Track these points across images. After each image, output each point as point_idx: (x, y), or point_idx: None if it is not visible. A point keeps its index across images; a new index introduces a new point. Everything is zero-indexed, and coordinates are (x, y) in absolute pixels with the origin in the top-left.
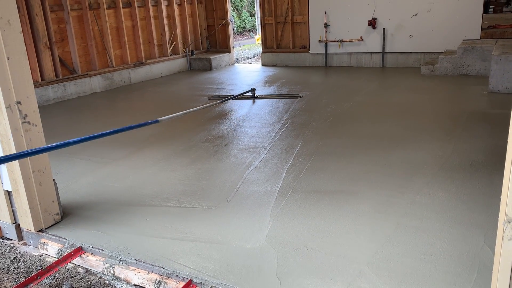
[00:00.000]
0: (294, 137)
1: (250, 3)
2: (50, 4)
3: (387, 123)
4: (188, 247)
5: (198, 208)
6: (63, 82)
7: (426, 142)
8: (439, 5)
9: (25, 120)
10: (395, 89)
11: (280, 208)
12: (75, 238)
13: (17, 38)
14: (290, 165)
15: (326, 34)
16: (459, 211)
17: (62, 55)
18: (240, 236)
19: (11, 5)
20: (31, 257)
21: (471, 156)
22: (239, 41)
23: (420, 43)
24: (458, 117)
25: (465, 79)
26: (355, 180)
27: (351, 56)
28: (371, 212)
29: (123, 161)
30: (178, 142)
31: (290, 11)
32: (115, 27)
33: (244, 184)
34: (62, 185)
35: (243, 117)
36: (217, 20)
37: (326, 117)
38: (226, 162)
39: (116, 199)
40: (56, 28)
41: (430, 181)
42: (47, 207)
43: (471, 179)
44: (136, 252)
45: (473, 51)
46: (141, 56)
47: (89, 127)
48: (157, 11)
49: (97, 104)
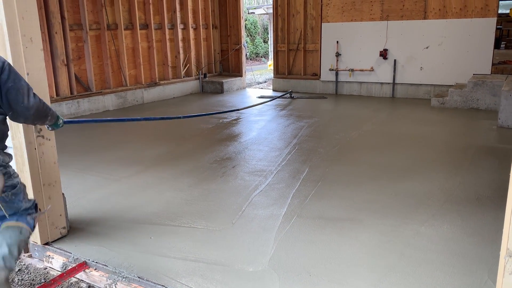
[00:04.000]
0: (302, 163)
1: (264, 29)
2: (70, 23)
3: (395, 153)
4: (191, 267)
5: (203, 229)
6: (77, 99)
7: (433, 174)
8: (451, 39)
9: (39, 134)
10: (404, 120)
11: (284, 233)
12: (80, 253)
13: (37, 55)
14: (296, 190)
15: (337, 63)
16: (464, 244)
17: (78, 72)
18: (243, 259)
19: (34, 23)
20: (35, 270)
21: (478, 190)
22: (251, 66)
23: (431, 76)
24: (466, 150)
25: (475, 113)
26: (361, 209)
27: (361, 86)
28: (375, 241)
29: (131, 179)
30: (186, 162)
31: (303, 39)
32: (131, 48)
33: (250, 207)
34: (70, 199)
35: (251, 141)
36: (231, 45)
37: (334, 144)
38: (232, 184)
39: (122, 216)
40: (74, 46)
41: (436, 213)
42: (55, 221)
43: (477, 213)
44: (139, 270)
45: (483, 86)
46: (155, 77)
47: (101, 143)
48: (173, 34)
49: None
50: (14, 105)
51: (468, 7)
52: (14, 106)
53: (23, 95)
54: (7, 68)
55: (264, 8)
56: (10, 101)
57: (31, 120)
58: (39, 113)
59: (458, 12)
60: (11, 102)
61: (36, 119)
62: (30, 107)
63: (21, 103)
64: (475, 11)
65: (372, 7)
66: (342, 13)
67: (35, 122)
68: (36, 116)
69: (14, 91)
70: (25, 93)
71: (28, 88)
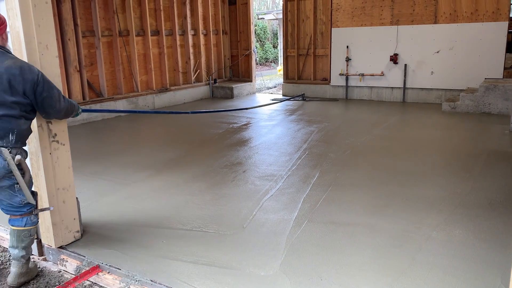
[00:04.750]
0: (312, 167)
1: (273, 35)
2: (83, 30)
3: (406, 158)
4: (203, 271)
5: (214, 233)
6: (90, 104)
7: (444, 179)
8: (462, 44)
9: (54, 139)
10: (415, 125)
11: (295, 237)
12: (93, 256)
13: (53, 61)
14: (307, 195)
15: (348, 68)
16: (476, 249)
17: (90, 78)
18: (255, 263)
19: (50, 31)
20: (50, 273)
21: (490, 195)
22: (261, 71)
23: (442, 80)
24: (478, 155)
25: (487, 118)
26: (372, 213)
27: (372, 90)
28: (386, 246)
29: (143, 183)
30: (197, 167)
31: (313, 44)
32: (142, 54)
33: (260, 212)
34: (83, 203)
35: (262, 145)
36: (241, 50)
37: (344, 149)
38: (243, 188)
39: (134, 220)
40: (87, 52)
41: (447, 218)
42: (69, 224)
43: (490, 218)
44: (152, 273)
45: (495, 90)
46: (165, 83)
47: (113, 148)
48: (184, 40)
49: (120, 127)
50: (48, 110)
51: (479, 11)
52: (48, 110)
53: (56, 101)
54: (41, 81)
55: (274, 13)
56: (46, 108)
57: (61, 117)
58: (67, 112)
59: (469, 16)
60: (46, 108)
61: (65, 116)
62: (61, 109)
63: (53, 107)
64: (486, 15)
65: (382, 12)
66: (352, 18)
67: (64, 118)
68: (65, 115)
69: (48, 100)
70: (57, 100)
71: (59, 94)
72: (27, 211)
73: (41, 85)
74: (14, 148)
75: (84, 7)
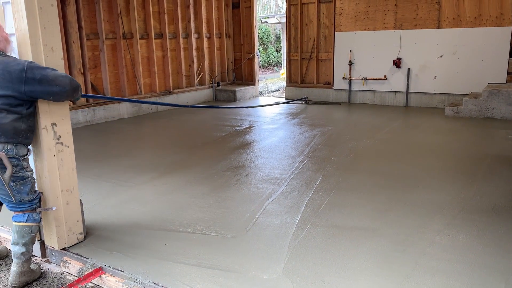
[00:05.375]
0: (315, 171)
1: (276, 38)
2: (87, 32)
3: (409, 162)
4: (205, 274)
5: (217, 236)
6: (93, 107)
7: (447, 184)
8: (465, 48)
9: (58, 141)
10: (418, 129)
11: (298, 241)
12: (96, 258)
13: (58, 64)
14: (309, 199)
15: (351, 72)
16: (480, 254)
17: (94, 81)
18: (258, 266)
19: (56, 33)
20: (52, 274)
21: (494, 200)
22: (264, 74)
23: (445, 85)
24: (482, 160)
25: (490, 122)
26: (375, 217)
27: (375, 94)
28: (389, 250)
29: (146, 185)
30: (200, 170)
31: (316, 48)
32: (146, 57)
33: (263, 215)
34: (87, 205)
35: (264, 149)
36: (244, 54)
37: (347, 153)
38: (246, 191)
39: (137, 222)
40: (91, 55)
41: (451, 223)
42: (72, 226)
43: (493, 223)
44: (155, 276)
45: (498, 95)
46: (169, 85)
47: (116, 150)
48: (187, 43)
49: (124, 129)
50: (52, 89)
51: (482, 16)
52: (52, 89)
53: (53, 78)
54: (30, 67)
55: (277, 17)
56: (48, 88)
57: (71, 93)
58: (73, 84)
59: (473, 21)
60: (49, 88)
61: (74, 92)
62: (65, 83)
63: (55, 85)
64: (489, 20)
65: (386, 16)
66: (355, 22)
67: (74, 94)
68: (73, 90)
69: (45, 80)
70: (54, 77)
71: (54, 72)
72: (28, 207)
73: (31, 70)
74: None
75: (88, 10)
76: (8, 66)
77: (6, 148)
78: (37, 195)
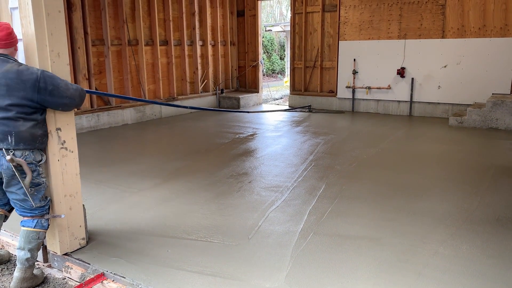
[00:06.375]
0: (318, 179)
1: (280, 47)
2: (92, 38)
3: (412, 171)
4: (207, 281)
5: (219, 243)
6: (97, 112)
7: (451, 194)
8: (469, 59)
9: (63, 146)
10: (421, 139)
11: (301, 249)
12: (98, 264)
13: (64, 69)
14: (312, 207)
15: (354, 80)
16: (484, 265)
17: (98, 86)
18: (260, 275)
19: (62, 39)
20: (54, 280)
21: (498, 211)
22: (267, 82)
23: (449, 94)
24: (485, 170)
25: (494, 133)
26: (378, 227)
27: (378, 103)
28: (392, 260)
29: (149, 191)
30: (203, 177)
31: (320, 56)
32: (151, 63)
33: (266, 223)
34: (89, 211)
35: (267, 156)
36: (248, 61)
37: (350, 161)
38: (249, 199)
39: (140, 228)
40: (96, 61)
41: (454, 233)
42: (74, 231)
43: (497, 234)
44: (157, 282)
45: (502, 105)
46: (173, 92)
47: (120, 156)
48: (192, 50)
49: (127, 135)
50: (62, 100)
51: (487, 27)
52: (62, 100)
53: (65, 89)
54: (42, 77)
55: (281, 25)
56: (58, 99)
57: (78, 102)
58: (81, 94)
59: (477, 32)
60: (59, 99)
61: (81, 100)
62: (74, 95)
63: (65, 96)
64: (494, 31)
65: (390, 26)
66: (360, 32)
67: (80, 102)
68: (80, 99)
69: (56, 91)
70: (65, 88)
71: (65, 83)
72: (38, 213)
73: (43, 80)
74: (19, 150)
75: (94, 16)
76: (22, 75)
77: (25, 155)
78: (48, 201)
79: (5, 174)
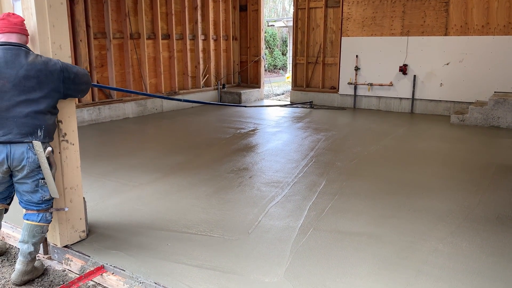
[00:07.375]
0: (319, 175)
1: (282, 42)
2: (94, 31)
3: (413, 169)
4: (207, 275)
5: (219, 238)
6: (98, 106)
7: (452, 192)
8: (472, 56)
9: (64, 139)
10: (423, 136)
11: (300, 245)
12: (98, 257)
13: (66, 61)
14: (312, 203)
15: (356, 77)
16: (483, 263)
17: (100, 79)
18: (259, 269)
19: (64, 31)
20: (54, 272)
21: (498, 209)
22: (269, 77)
23: (451, 92)
24: (486, 169)
25: (496, 131)
26: (378, 224)
27: (380, 100)
28: (392, 257)
29: (150, 185)
30: (204, 172)
31: (322, 52)
32: (152, 57)
33: (266, 218)
34: (90, 204)
35: (268, 152)
36: (250, 56)
37: (351, 158)
38: (249, 194)
39: (140, 222)
40: (98, 54)
41: (454, 231)
42: (75, 224)
43: (497, 232)
44: (156, 276)
45: (504, 104)
46: (174, 86)
47: (121, 150)
48: (194, 44)
49: (128, 128)
50: (81, 86)
51: (490, 25)
52: (81, 87)
53: (82, 75)
54: (64, 66)
55: (284, 21)
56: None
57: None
58: (89, 78)
59: (480, 29)
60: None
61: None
62: (89, 80)
63: (84, 82)
64: (497, 29)
65: (393, 23)
66: (363, 28)
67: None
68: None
69: (77, 78)
70: (82, 73)
71: (77, 69)
72: (44, 207)
73: (65, 69)
74: (44, 143)
75: (96, 9)
76: (48, 66)
77: (47, 147)
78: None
79: (28, 167)
